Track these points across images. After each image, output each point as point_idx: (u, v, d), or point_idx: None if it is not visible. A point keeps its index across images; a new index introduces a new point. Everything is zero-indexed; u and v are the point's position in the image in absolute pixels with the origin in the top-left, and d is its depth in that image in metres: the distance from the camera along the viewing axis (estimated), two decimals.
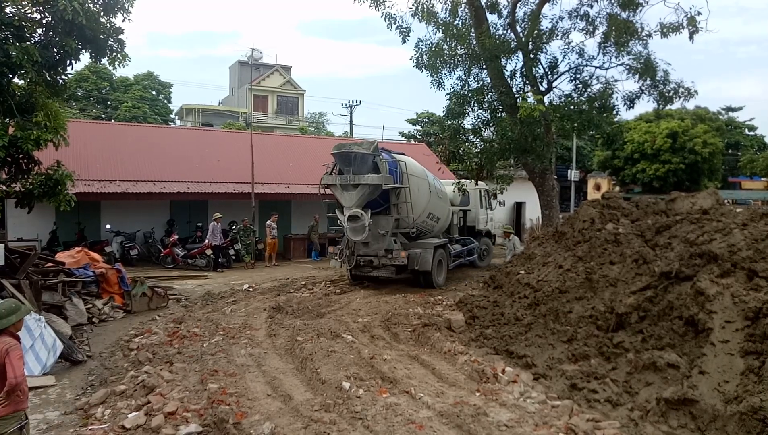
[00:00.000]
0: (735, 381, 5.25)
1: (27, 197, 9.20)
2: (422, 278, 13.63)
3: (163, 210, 20.49)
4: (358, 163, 12.24)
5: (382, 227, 12.92)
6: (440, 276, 14.09)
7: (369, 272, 13.49)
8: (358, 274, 13.73)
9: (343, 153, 12.45)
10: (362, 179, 12.16)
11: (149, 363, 7.33)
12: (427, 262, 13.20)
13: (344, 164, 12.45)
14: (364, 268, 13.41)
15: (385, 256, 13.05)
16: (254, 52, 49.65)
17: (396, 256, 12.97)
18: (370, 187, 12.25)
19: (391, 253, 13.04)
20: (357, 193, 12.20)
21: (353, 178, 12.20)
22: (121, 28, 8.84)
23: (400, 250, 13.04)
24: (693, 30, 13.77)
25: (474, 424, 5.20)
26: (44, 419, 5.77)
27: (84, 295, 10.65)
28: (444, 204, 15.59)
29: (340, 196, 12.51)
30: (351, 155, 12.28)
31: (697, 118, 35.85)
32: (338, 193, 12.53)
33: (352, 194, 12.23)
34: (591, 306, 7.39)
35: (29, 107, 8.62)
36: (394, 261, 13.02)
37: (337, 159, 12.72)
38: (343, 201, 12.45)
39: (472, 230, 18.14)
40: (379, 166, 12.46)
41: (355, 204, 12.19)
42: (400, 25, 15.37)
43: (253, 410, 5.68)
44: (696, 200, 8.67)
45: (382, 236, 12.86)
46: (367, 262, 13.22)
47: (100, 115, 39.65)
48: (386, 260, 13.06)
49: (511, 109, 15.19)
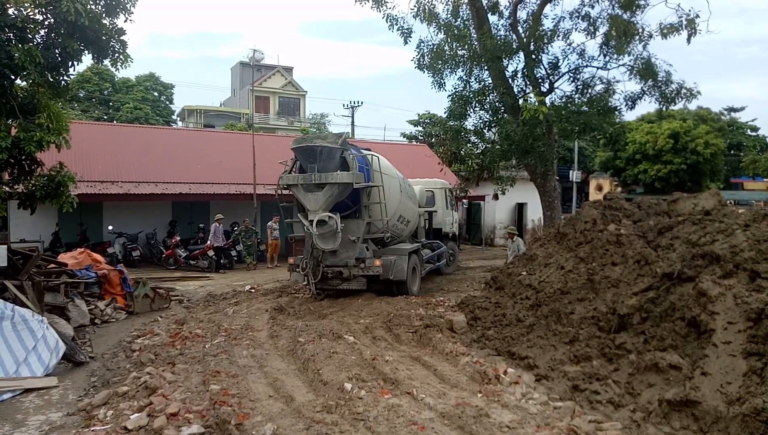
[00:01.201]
0: (737, 382, 5.24)
1: (29, 199, 9.22)
2: (396, 288, 12.18)
3: (165, 211, 20.54)
4: (324, 159, 10.58)
5: (353, 233, 11.26)
6: (414, 285, 12.85)
7: (338, 285, 11.74)
8: (325, 287, 11.89)
9: (306, 147, 10.74)
10: (330, 178, 10.47)
11: (151, 364, 7.34)
12: (402, 270, 11.83)
13: (307, 161, 10.72)
14: (332, 280, 11.63)
15: (357, 266, 11.42)
16: (256, 53, 49.71)
17: (369, 265, 11.42)
18: (339, 187, 10.59)
19: (364, 262, 11.44)
20: (324, 195, 10.52)
21: (319, 176, 10.49)
22: (122, 29, 8.86)
23: (373, 259, 11.55)
24: (691, 32, 13.78)
25: (476, 426, 5.20)
26: (47, 420, 5.78)
27: (86, 297, 10.67)
28: (413, 205, 14.32)
29: (303, 198, 10.72)
30: (316, 150, 10.59)
31: (699, 118, 35.84)
32: (301, 194, 10.76)
33: (317, 196, 10.53)
34: (593, 307, 7.38)
35: (32, 109, 8.63)
36: (367, 271, 11.45)
37: (298, 155, 11.06)
38: (307, 204, 10.66)
39: (439, 233, 16.87)
40: (348, 162, 10.89)
41: (322, 206, 10.50)
42: (402, 26, 15.41)
43: (255, 411, 5.69)
44: (698, 201, 8.65)
45: (352, 243, 11.25)
46: (335, 273, 11.44)
47: (102, 117, 39.72)
48: (358, 270, 11.44)
49: (513, 110, 15.20)
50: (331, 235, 10.74)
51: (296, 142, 11.12)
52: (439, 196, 17.03)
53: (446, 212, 17.22)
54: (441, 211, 16.90)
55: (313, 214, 10.49)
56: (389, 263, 11.63)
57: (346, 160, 10.90)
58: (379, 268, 11.44)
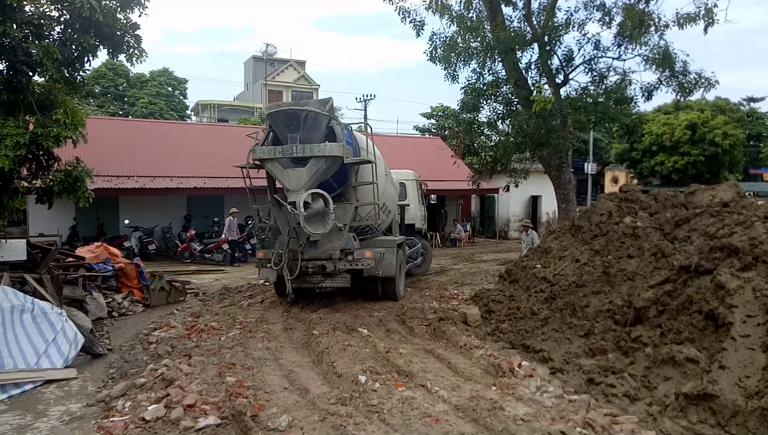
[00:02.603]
0: (756, 376, 5.17)
1: (47, 193, 9.34)
2: (382, 288, 10.54)
3: (180, 205, 20.71)
4: (309, 127, 8.80)
5: (339, 219, 9.31)
6: (401, 284, 11.18)
7: (319, 283, 9.84)
8: (304, 286, 9.95)
9: (287, 112, 8.87)
10: (317, 150, 8.79)
11: (168, 356, 7.44)
12: (392, 265, 10.23)
13: (287, 129, 8.89)
14: (312, 276, 9.71)
15: (343, 259, 9.60)
16: (269, 47, 49.91)
17: (359, 257, 9.67)
18: (327, 162, 8.92)
19: (352, 255, 9.63)
20: (308, 171, 8.80)
21: (303, 148, 8.78)
22: (137, 24, 8.91)
23: (363, 250, 9.81)
24: (709, 21, 13.50)
25: (490, 418, 5.19)
26: (67, 411, 5.87)
27: (104, 290, 10.82)
28: (395, 194, 12.56)
29: (281, 175, 9.02)
30: (300, 115, 8.76)
31: (718, 109, 35.23)
32: (278, 171, 9.02)
33: (299, 172, 8.81)
34: (608, 300, 7.33)
35: (48, 105, 8.74)
36: (356, 264, 9.67)
37: (275, 123, 9.17)
38: (286, 182, 8.96)
39: (411, 229, 14.84)
40: (337, 132, 9.12)
41: (305, 185, 8.78)
42: (414, 19, 15.32)
43: (271, 403, 5.73)
44: (716, 193, 8.54)
45: (338, 231, 9.34)
46: (317, 268, 9.52)
47: (117, 112, 40.08)
48: (344, 264, 9.63)
49: (527, 102, 15.08)
50: (321, 218, 8.94)
51: (272, 107, 9.30)
52: (411, 189, 15.21)
53: (418, 206, 15.51)
54: (413, 204, 15.09)
55: (295, 195, 8.76)
56: (378, 257, 9.92)
57: (334, 130, 9.15)
58: (371, 260, 9.77)
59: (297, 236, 9.41)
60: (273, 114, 9.07)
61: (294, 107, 8.97)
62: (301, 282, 9.78)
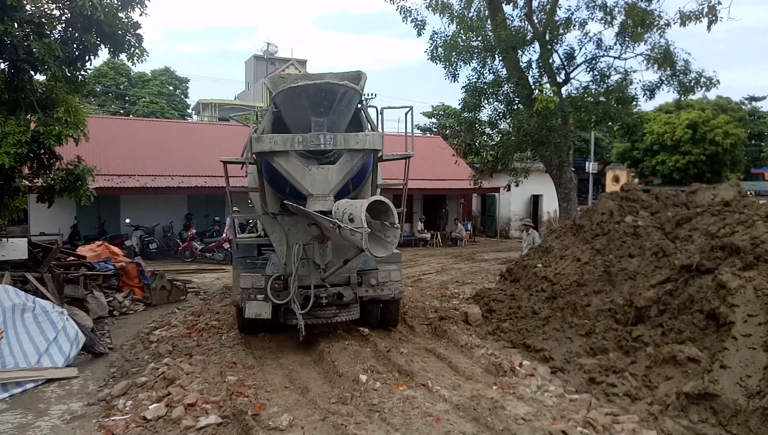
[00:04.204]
0: (758, 375, 5.16)
1: (48, 192, 9.36)
2: (383, 312, 8.45)
3: (181, 204, 20.72)
4: (342, 109, 6.56)
5: None
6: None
7: (333, 317, 7.48)
8: (312, 322, 7.40)
9: (322, 87, 6.27)
10: (355, 141, 6.48)
11: (169, 355, 7.44)
12: (401, 284, 8.20)
13: (314, 111, 6.35)
14: (324, 310, 7.38)
15: (364, 284, 7.69)
16: (270, 46, 49.88)
17: (384, 280, 7.75)
18: (363, 158, 6.77)
19: (375, 277, 7.71)
20: (340, 169, 6.56)
21: (333, 138, 6.38)
22: (138, 23, 8.92)
23: (389, 269, 7.80)
24: (712, 19, 13.49)
25: (491, 418, 5.19)
26: (68, 410, 5.88)
27: (105, 289, 10.83)
28: None
29: (300, 174, 6.47)
30: (336, 93, 6.33)
31: (719, 108, 35.18)
32: (294, 168, 6.48)
33: (329, 172, 6.51)
34: (609, 299, 7.32)
35: (50, 103, 8.75)
36: (380, 290, 7.75)
37: (292, 101, 6.54)
38: (308, 184, 6.46)
39: None
40: (369, 116, 7.32)
41: (335, 189, 6.57)
42: (415, 18, 15.32)
43: (272, 402, 5.74)
44: (717, 192, 8.53)
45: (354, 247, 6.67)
46: (332, 297, 7.34)
47: (119, 111, 40.10)
48: (365, 290, 7.70)
49: (528, 101, 15.06)
50: (374, 240, 5.65)
51: (282, 81, 6.95)
52: None
53: None
54: None
55: (321, 201, 6.40)
56: (385, 276, 7.85)
57: (364, 115, 7.23)
58: (399, 284, 7.93)
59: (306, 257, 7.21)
60: (291, 90, 6.38)
61: (328, 81, 6.38)
62: (310, 317, 7.23)
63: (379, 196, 6.03)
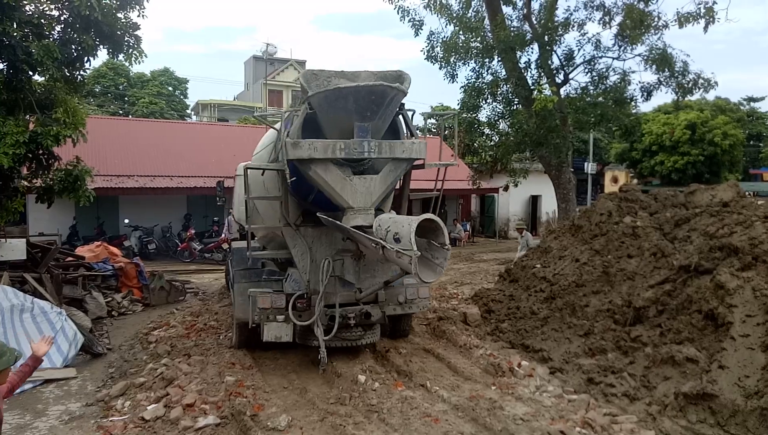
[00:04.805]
0: (756, 376, 5.17)
1: (47, 193, 9.35)
2: (395, 323, 8.00)
3: (180, 205, 20.71)
4: (387, 114, 5.99)
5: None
6: None
7: (359, 339, 6.91)
8: (336, 344, 6.70)
9: (373, 89, 5.60)
10: (401, 149, 6.12)
11: (168, 356, 7.43)
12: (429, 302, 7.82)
13: (360, 115, 5.75)
14: (352, 331, 6.81)
15: (392, 302, 7.11)
16: (269, 46, 49.88)
17: (412, 296, 7.21)
18: (406, 167, 6.46)
19: (403, 293, 7.15)
20: (384, 180, 6.13)
21: (378, 146, 5.93)
22: (137, 23, 8.91)
23: (416, 284, 7.18)
24: (709, 20, 13.53)
25: (490, 418, 5.19)
26: (66, 410, 5.88)
27: (103, 289, 10.82)
28: None
29: (340, 185, 5.92)
30: (387, 96, 5.70)
31: (718, 109, 35.20)
32: (333, 178, 5.90)
33: (371, 183, 6.02)
34: (608, 300, 7.33)
35: (49, 104, 8.74)
36: (409, 307, 7.25)
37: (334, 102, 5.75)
38: (348, 195, 5.93)
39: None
40: (407, 121, 6.59)
41: (376, 201, 6.16)
42: (413, 18, 15.31)
43: (270, 403, 5.73)
44: (716, 193, 8.53)
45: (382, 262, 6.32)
46: (359, 316, 6.71)
47: (118, 111, 40.06)
48: (393, 308, 7.14)
49: (527, 102, 15.08)
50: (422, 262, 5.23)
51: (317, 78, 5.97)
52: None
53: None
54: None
55: (363, 215, 5.93)
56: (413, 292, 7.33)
57: (404, 119, 6.58)
58: (427, 301, 7.50)
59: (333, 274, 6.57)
60: (336, 92, 5.64)
61: (381, 83, 5.66)
62: (334, 339, 6.55)
63: (429, 214, 5.38)
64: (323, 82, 5.95)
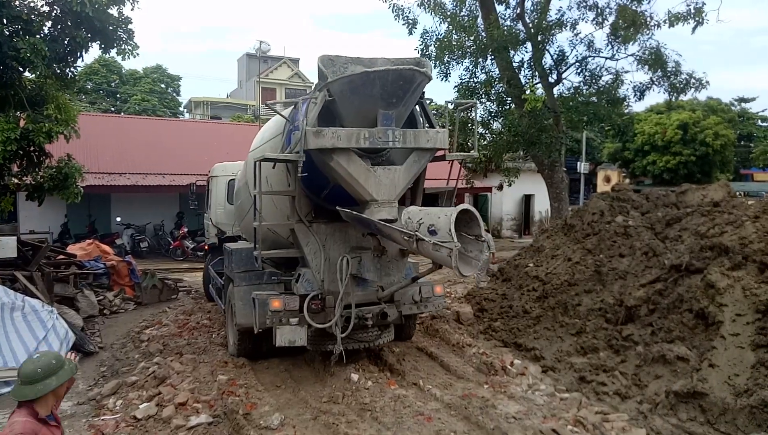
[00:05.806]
0: (745, 374, 5.22)
1: (38, 190, 9.27)
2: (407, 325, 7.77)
3: (172, 203, 20.61)
4: (410, 101, 5.70)
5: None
6: None
7: (376, 339, 6.74)
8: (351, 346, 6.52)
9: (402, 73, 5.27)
10: (426, 138, 5.88)
11: (160, 354, 7.41)
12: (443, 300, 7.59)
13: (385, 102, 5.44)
14: (369, 331, 6.65)
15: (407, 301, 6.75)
16: (262, 44, 49.62)
17: (427, 295, 6.88)
18: (429, 157, 6.15)
19: (419, 292, 6.80)
20: (407, 171, 5.86)
21: (402, 135, 5.67)
22: (129, 18, 8.84)
23: (432, 283, 7.10)
24: (698, 21, 13.61)
25: (482, 416, 5.21)
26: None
27: (95, 287, 10.77)
28: None
29: (363, 176, 5.59)
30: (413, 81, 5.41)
31: (709, 109, 35.46)
32: (356, 169, 5.57)
33: (395, 174, 5.74)
34: (600, 299, 7.37)
35: (40, 100, 8.67)
36: (424, 307, 6.94)
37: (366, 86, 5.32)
38: (372, 187, 5.60)
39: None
40: (424, 109, 6.30)
41: (400, 194, 5.88)
42: (407, 17, 15.30)
43: (263, 401, 5.73)
44: (707, 192, 8.60)
45: (399, 258, 6.54)
46: (376, 316, 6.40)
47: (110, 109, 39.80)
48: (409, 307, 6.79)
49: (520, 101, 15.09)
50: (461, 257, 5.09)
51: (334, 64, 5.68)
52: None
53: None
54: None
55: (388, 208, 5.65)
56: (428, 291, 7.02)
57: (422, 107, 6.29)
58: (442, 299, 7.22)
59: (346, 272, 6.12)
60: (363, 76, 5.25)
61: (410, 66, 5.33)
62: (350, 341, 6.39)
63: (466, 205, 5.28)
64: (340, 68, 5.64)
